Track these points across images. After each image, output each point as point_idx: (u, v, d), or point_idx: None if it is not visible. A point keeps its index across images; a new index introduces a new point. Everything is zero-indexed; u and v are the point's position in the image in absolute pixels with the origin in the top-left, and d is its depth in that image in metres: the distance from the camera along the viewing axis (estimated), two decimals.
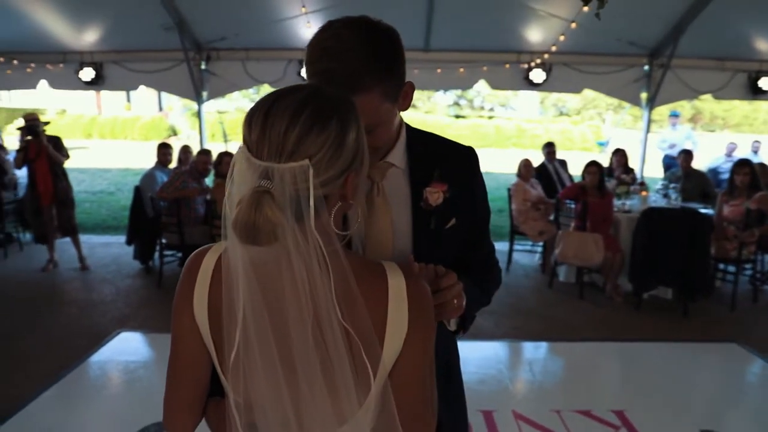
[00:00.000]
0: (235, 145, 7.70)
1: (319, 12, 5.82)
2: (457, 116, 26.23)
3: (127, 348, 3.98)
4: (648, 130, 7.29)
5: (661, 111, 11.09)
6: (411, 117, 22.72)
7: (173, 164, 6.08)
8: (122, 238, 6.11)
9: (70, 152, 5.80)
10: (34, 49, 6.61)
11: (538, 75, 6.78)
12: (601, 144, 18.25)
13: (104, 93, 23.39)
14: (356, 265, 0.86)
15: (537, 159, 6.56)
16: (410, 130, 1.22)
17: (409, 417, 0.90)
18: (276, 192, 0.75)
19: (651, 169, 9.80)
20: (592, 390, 3.48)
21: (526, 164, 5.89)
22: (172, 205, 5.06)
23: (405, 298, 0.86)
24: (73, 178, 12.13)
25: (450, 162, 1.20)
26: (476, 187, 1.25)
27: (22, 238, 6.56)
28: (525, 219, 5.72)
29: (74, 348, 3.86)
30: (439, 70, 7.03)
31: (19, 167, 5.66)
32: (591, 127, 21.68)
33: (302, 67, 1.08)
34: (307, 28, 6.10)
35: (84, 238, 6.61)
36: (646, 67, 6.84)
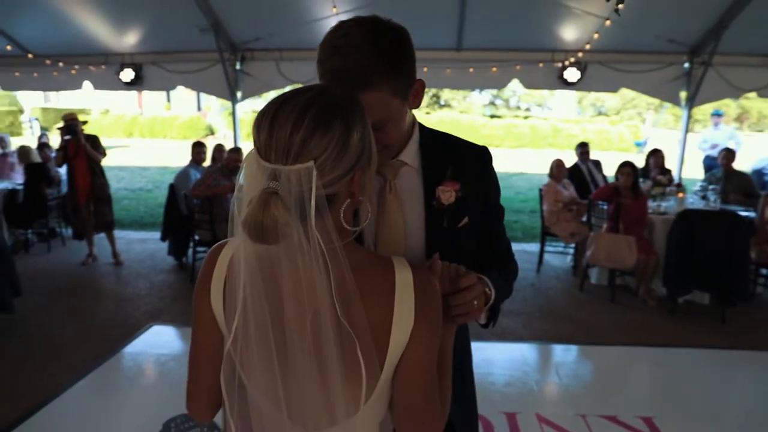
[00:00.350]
0: None
1: (351, 12, 5.86)
2: (493, 116, 25.95)
3: (159, 341, 4.09)
4: (687, 130, 7.05)
5: (706, 110, 10.72)
6: (446, 116, 22.64)
7: (207, 162, 6.22)
8: (158, 235, 6.28)
9: (111, 151, 6.01)
10: (78, 51, 6.86)
11: (572, 74, 6.65)
12: (639, 144, 17.76)
13: (145, 93, 24.11)
14: (364, 260, 0.90)
15: (573, 159, 6.45)
16: (423, 129, 1.23)
17: (416, 408, 0.91)
18: (283, 193, 0.78)
19: (691, 171, 9.50)
20: (620, 395, 3.40)
21: (558, 164, 5.79)
22: (205, 203, 5.17)
23: (412, 291, 0.88)
24: (113, 175, 12.54)
25: (463, 161, 1.21)
26: (490, 186, 1.26)
27: (65, 233, 6.81)
28: (556, 220, 5.62)
29: (109, 340, 4.00)
30: (471, 70, 6.97)
31: (59, 165, 5.90)
32: (629, 127, 21.12)
33: None
34: None
35: (122, 234, 6.85)
36: (687, 65, 6.62)
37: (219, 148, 6.08)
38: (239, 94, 7.26)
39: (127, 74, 6.86)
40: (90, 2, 6.02)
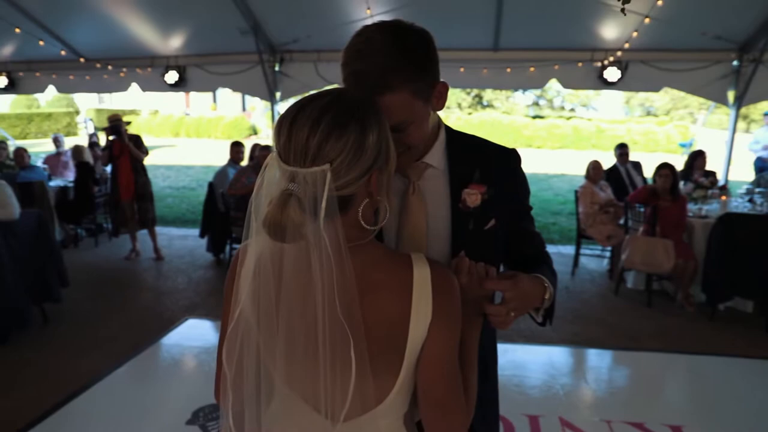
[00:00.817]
0: None
1: (386, 14, 5.90)
2: (536, 116, 25.52)
3: (194, 333, 4.24)
4: (734, 130, 6.76)
5: (764, 109, 10.23)
6: (486, 117, 22.29)
7: (245, 161, 6.39)
8: (198, 231, 6.48)
9: (159, 150, 6.27)
10: (126, 55, 7.16)
11: (612, 73, 6.49)
12: (683, 145, 17.04)
13: (193, 94, 24.85)
14: (383, 256, 0.95)
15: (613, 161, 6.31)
16: (450, 131, 1.24)
17: (439, 401, 0.94)
18: (300, 194, 0.82)
19: (741, 173, 9.12)
20: (649, 402, 3.30)
21: (594, 166, 5.67)
22: (240, 201, 5.32)
23: (430, 287, 0.91)
24: (159, 174, 12.99)
25: (491, 163, 1.21)
26: (519, 189, 1.27)
27: (111, 229, 7.12)
28: (592, 222, 5.50)
29: (147, 331, 4.18)
30: (508, 70, 6.90)
31: (105, 164, 6.18)
32: (678, 128, 20.34)
33: None
34: None
35: (164, 231, 7.11)
36: (735, 63, 6.35)
37: (256, 148, 6.23)
38: (278, 95, 7.40)
39: (172, 76, 7.10)
40: (137, 8, 6.28)
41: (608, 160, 6.38)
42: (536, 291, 1.14)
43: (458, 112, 27.04)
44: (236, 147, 6.30)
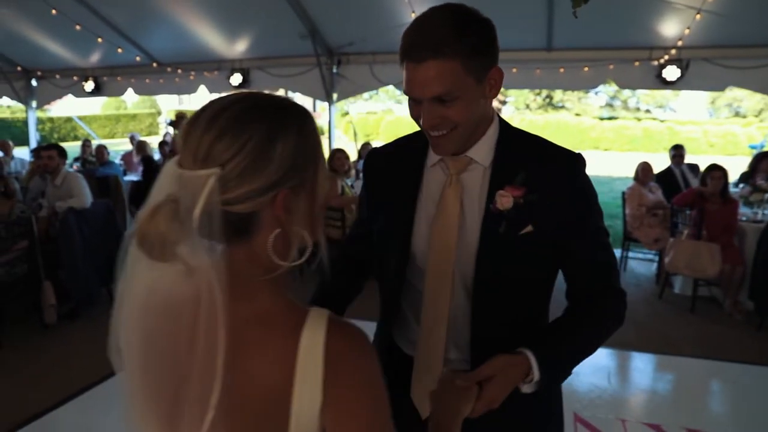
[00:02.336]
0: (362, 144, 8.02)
1: None
2: (611, 118, 24.61)
3: None
4: None
5: None
6: (551, 118, 21.70)
7: None
8: None
9: None
10: (195, 59, 7.71)
11: (671, 72, 6.27)
12: (754, 147, 15.89)
13: None
14: (276, 307, 0.75)
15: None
16: (506, 129, 1.19)
17: None
18: (183, 203, 0.67)
19: None
20: (672, 405, 3.25)
21: (644, 167, 5.54)
22: None
23: (321, 358, 0.70)
24: None
25: (542, 166, 1.13)
26: (575, 199, 1.13)
27: None
28: (639, 225, 5.38)
29: None
30: (562, 70, 6.83)
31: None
32: (761, 129, 19.00)
33: None
34: None
35: None
36: None
37: None
38: (335, 96, 7.69)
39: (236, 78, 7.57)
40: (205, 16, 6.75)
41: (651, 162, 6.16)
42: (512, 374, 1.03)
43: (527, 113, 26.53)
44: None
